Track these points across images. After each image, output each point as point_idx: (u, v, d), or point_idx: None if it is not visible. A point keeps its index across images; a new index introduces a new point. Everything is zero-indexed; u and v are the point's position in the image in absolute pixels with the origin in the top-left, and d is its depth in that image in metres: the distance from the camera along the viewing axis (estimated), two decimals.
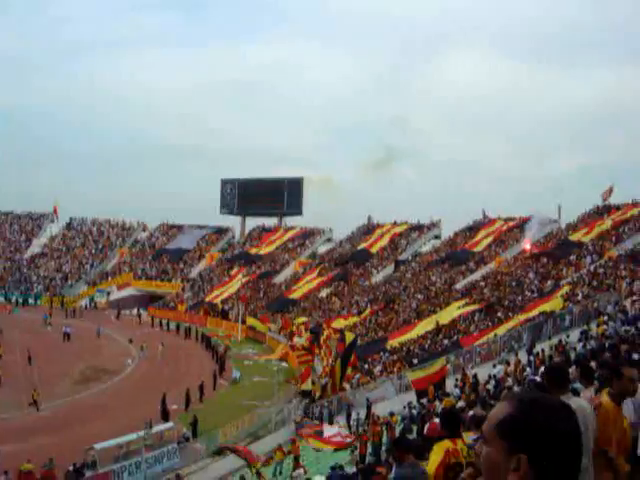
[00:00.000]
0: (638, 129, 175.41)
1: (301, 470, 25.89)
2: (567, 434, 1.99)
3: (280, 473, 28.35)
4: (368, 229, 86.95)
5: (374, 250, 79.28)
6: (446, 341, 44.92)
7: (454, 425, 7.24)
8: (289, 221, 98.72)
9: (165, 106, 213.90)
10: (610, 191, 65.25)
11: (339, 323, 56.97)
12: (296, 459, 27.24)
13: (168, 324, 70.34)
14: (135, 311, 78.19)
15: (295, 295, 72.42)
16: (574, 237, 58.46)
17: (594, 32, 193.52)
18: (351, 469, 22.17)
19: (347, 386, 41.27)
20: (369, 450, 27.68)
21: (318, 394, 41.43)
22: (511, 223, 72.15)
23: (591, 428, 6.24)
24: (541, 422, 1.98)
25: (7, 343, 54.15)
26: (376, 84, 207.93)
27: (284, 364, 52.41)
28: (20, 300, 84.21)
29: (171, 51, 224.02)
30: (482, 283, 55.82)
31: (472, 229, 75.38)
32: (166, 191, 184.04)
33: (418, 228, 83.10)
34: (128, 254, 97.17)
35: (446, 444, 6.79)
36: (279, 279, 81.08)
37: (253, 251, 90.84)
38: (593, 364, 11.61)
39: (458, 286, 59.08)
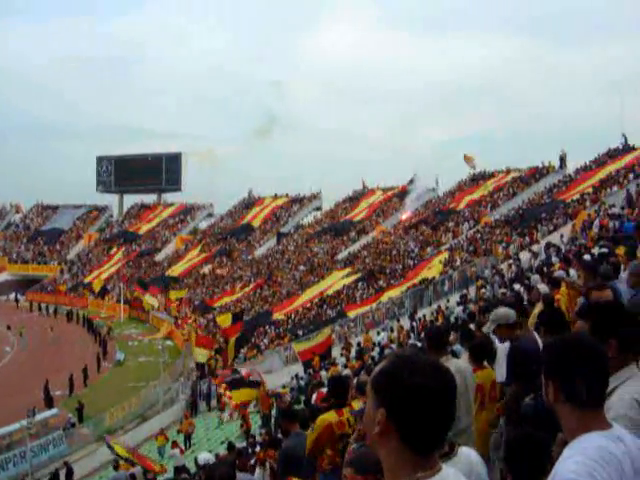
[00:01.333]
0: (509, 98, 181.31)
1: (176, 450, 25.72)
2: (431, 391, 1.97)
3: (161, 456, 28.18)
4: (249, 203, 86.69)
5: (256, 224, 79.22)
6: (330, 311, 45.44)
7: (342, 392, 7.27)
8: (169, 197, 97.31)
9: (33, 82, 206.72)
10: (470, 159, 66.91)
11: (223, 301, 56.91)
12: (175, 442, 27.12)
13: (47, 308, 68.35)
14: (12, 296, 75.61)
15: (177, 272, 71.64)
16: (451, 205, 60.03)
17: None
18: (241, 443, 22.17)
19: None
20: (258, 423, 27.77)
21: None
22: (390, 193, 73.35)
23: (471, 389, 6.44)
24: (404, 377, 1.98)
25: None
26: (253, 53, 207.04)
27: (169, 342, 51.91)
28: None
29: (41, 22, 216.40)
30: (364, 252, 56.67)
31: (352, 199, 76.29)
32: (39, 170, 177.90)
33: (299, 200, 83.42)
34: (1, 237, 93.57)
35: (329, 417, 6.73)
36: (160, 257, 79.89)
37: (132, 229, 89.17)
38: (472, 327, 11.97)
39: (340, 256, 59.81)
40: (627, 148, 50.17)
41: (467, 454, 4.04)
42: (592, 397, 2.50)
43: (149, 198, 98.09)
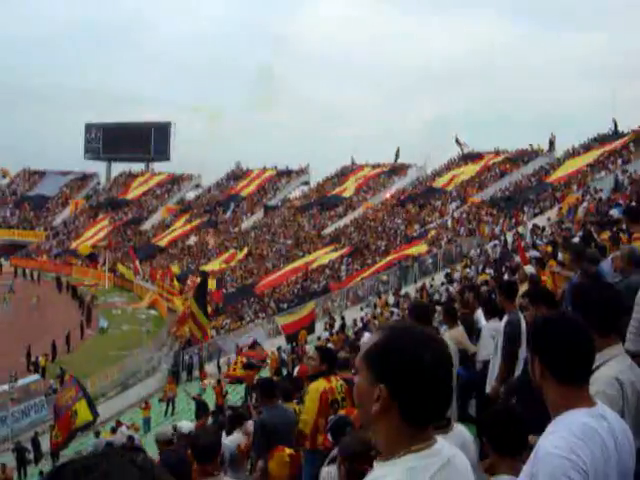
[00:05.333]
0: (500, 80, 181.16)
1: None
2: (432, 363, 1.92)
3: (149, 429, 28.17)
4: (237, 175, 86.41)
5: (243, 195, 78.98)
6: (315, 286, 45.55)
7: (331, 360, 7.37)
8: (157, 167, 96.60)
9: (22, 45, 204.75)
10: (461, 143, 67.13)
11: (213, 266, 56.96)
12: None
13: (32, 274, 68.09)
14: None
15: (163, 242, 71.44)
16: (438, 184, 60.04)
17: None
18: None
19: (213, 332, 41.14)
20: (242, 394, 27.95)
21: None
22: (379, 169, 73.26)
23: (455, 365, 6.53)
24: (406, 351, 1.92)
25: None
26: (249, 24, 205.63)
27: (153, 312, 51.94)
28: None
29: None
30: (350, 228, 56.74)
31: (341, 175, 76.14)
32: (26, 136, 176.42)
33: (287, 174, 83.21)
34: None
35: (320, 384, 6.85)
36: (146, 226, 79.57)
37: (119, 197, 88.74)
38: (456, 306, 12.06)
39: (327, 231, 59.85)
40: (616, 134, 50.29)
41: (461, 430, 4.13)
42: (577, 374, 2.56)
43: (137, 167, 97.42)
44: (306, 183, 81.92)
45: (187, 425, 9.70)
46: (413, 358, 1.91)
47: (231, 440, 8.67)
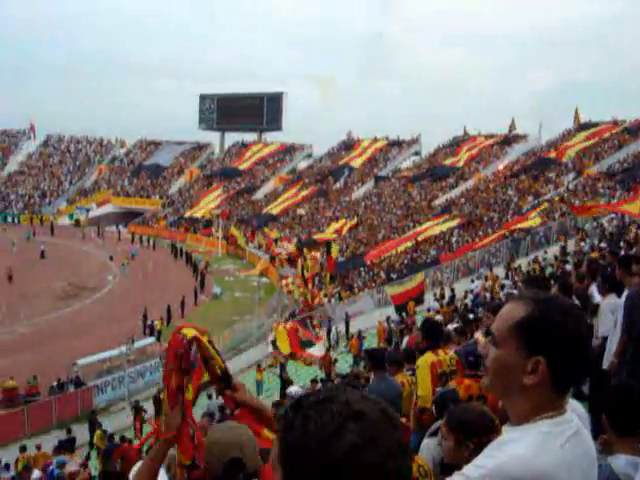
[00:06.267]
0: (615, 48, 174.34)
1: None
2: (581, 333, 1.96)
3: (260, 392, 28.63)
4: (348, 145, 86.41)
5: (354, 165, 78.97)
6: (425, 257, 45.30)
7: (436, 335, 7.34)
8: (269, 137, 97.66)
9: (140, 23, 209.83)
10: (576, 115, 65.19)
11: (326, 234, 57.35)
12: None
13: (148, 240, 70.26)
14: (114, 228, 78.02)
15: (275, 211, 72.32)
16: (553, 154, 58.50)
17: None
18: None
19: (325, 300, 41.57)
20: (350, 362, 28.17)
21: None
22: (492, 140, 71.94)
23: None
24: (558, 322, 1.94)
25: None
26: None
27: (265, 279, 52.75)
28: None
29: None
30: (462, 200, 56.03)
31: (452, 145, 75.14)
32: (143, 107, 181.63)
33: (398, 144, 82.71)
34: (107, 171, 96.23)
35: (429, 358, 6.84)
36: (259, 195, 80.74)
37: (232, 167, 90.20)
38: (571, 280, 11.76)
39: (437, 202, 59.29)
40: None
41: (576, 406, 4.04)
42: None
43: (250, 137, 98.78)
44: (417, 153, 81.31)
45: (297, 391, 9.85)
46: (566, 328, 1.93)
47: None
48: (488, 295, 25.94)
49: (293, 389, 9.98)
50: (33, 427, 26.43)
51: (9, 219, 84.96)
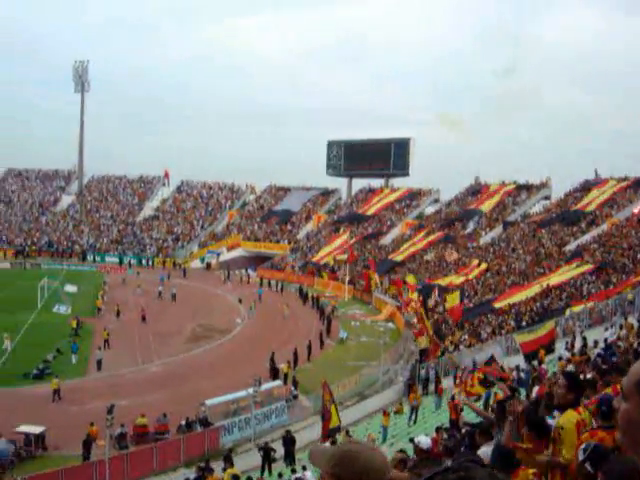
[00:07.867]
0: None
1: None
2: None
3: (385, 439, 28.47)
4: (475, 190, 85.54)
5: (483, 210, 77.94)
6: (555, 303, 44.06)
7: (580, 389, 6.82)
8: (396, 182, 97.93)
9: (271, 73, 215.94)
10: None
11: (453, 280, 56.78)
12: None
13: (277, 284, 71.38)
14: (244, 271, 79.67)
15: (400, 257, 72.12)
16: None
17: None
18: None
19: (451, 348, 41.12)
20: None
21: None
22: (624, 183, 69.64)
23: None
24: None
25: (122, 302, 56.29)
26: (480, 39, 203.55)
27: (390, 325, 52.50)
28: (134, 261, 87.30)
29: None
30: (594, 245, 54.33)
31: (583, 189, 73.15)
32: (272, 153, 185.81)
33: (527, 188, 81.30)
34: (237, 216, 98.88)
35: (573, 417, 6.24)
36: (386, 240, 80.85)
37: (360, 212, 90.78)
38: None
39: (568, 247, 57.69)
40: None
41: None
42: None
43: (376, 182, 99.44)
44: (547, 198, 79.57)
45: (425, 441, 9.67)
46: None
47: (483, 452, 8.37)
48: (622, 344, 24.93)
49: (422, 439, 9.78)
50: (161, 464, 27.09)
51: (144, 262, 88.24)
